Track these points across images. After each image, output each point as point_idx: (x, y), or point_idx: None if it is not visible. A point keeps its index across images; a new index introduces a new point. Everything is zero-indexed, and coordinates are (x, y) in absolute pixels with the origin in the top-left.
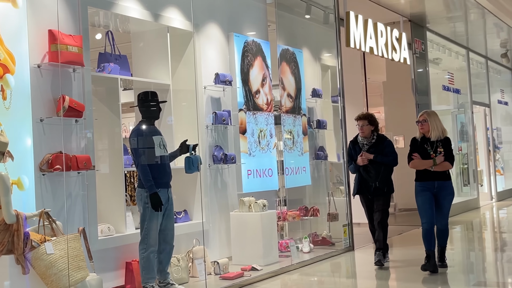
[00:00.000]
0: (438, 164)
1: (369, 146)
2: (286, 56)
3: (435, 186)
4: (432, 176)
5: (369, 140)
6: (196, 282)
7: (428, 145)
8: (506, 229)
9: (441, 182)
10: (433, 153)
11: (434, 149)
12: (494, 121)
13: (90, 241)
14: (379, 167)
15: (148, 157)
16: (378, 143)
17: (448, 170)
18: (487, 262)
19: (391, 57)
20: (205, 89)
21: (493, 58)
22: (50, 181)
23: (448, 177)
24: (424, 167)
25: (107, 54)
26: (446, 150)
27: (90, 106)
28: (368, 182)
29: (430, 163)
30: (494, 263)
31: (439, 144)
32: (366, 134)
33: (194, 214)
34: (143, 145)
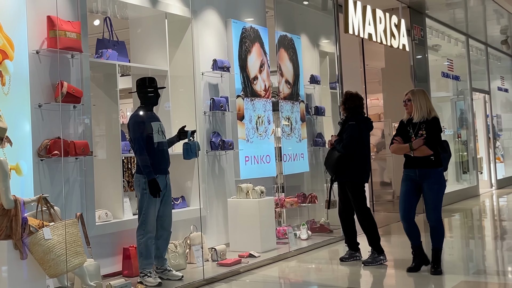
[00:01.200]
0: (415, 148)
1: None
2: (284, 42)
3: (417, 174)
4: (414, 163)
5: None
6: (194, 269)
7: (410, 128)
8: (506, 217)
9: (423, 170)
10: (414, 136)
11: (416, 131)
12: (494, 108)
13: (88, 227)
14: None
15: (146, 143)
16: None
17: (432, 156)
18: (487, 250)
19: (390, 44)
20: (203, 75)
21: (493, 44)
22: (48, 166)
23: (433, 164)
24: (402, 152)
25: (105, 40)
26: (429, 133)
27: (88, 92)
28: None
29: (407, 147)
30: (494, 251)
31: (422, 127)
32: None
33: (191, 201)
34: (142, 131)
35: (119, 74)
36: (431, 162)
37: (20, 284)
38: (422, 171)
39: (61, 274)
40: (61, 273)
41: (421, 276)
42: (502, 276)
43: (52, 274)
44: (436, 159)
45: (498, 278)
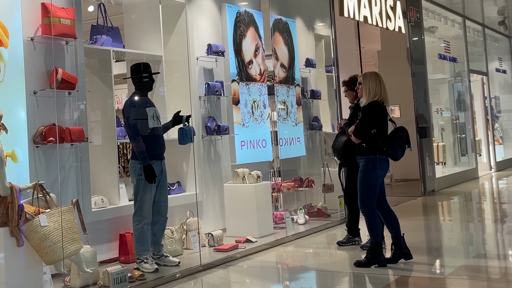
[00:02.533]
0: (351, 135)
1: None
2: (279, 26)
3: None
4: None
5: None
6: (190, 254)
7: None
8: (506, 200)
9: (358, 157)
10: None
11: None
12: (492, 89)
13: (84, 213)
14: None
15: (142, 128)
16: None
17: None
18: (487, 233)
19: (385, 26)
20: (198, 60)
21: (490, 26)
22: (43, 153)
23: (363, 151)
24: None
25: (100, 26)
26: (361, 118)
27: (83, 78)
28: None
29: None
30: (494, 234)
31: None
32: (350, 100)
33: (187, 186)
34: (136, 116)
35: (113, 60)
36: (362, 149)
37: (17, 271)
38: (358, 158)
39: (57, 261)
40: (58, 260)
41: (421, 262)
42: (502, 260)
43: (48, 261)
44: (370, 147)
45: (498, 262)
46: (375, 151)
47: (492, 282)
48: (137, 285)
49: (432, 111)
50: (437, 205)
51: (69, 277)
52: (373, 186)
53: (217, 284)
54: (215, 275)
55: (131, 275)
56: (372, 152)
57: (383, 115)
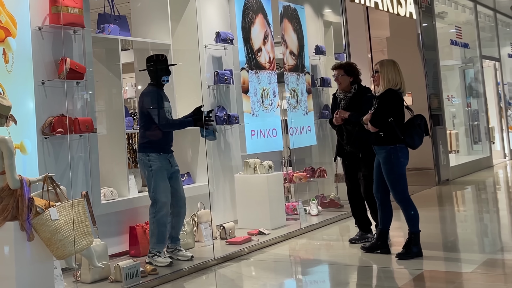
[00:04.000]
0: (366, 124)
1: (346, 101)
2: (288, 13)
3: (375, 150)
4: (371, 139)
5: (345, 94)
6: (202, 248)
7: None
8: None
9: (376, 147)
10: (371, 111)
11: (374, 105)
12: (504, 75)
13: (93, 206)
14: (353, 128)
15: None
16: (357, 97)
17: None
18: (507, 225)
19: (396, 12)
20: (206, 48)
21: (502, 10)
22: (52, 144)
23: (382, 141)
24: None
25: (107, 15)
26: (376, 107)
27: (91, 67)
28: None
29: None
30: (509, 225)
31: (377, 100)
32: (343, 86)
33: (197, 177)
34: (157, 107)
35: (120, 49)
36: (380, 138)
37: (27, 266)
38: (376, 148)
39: (69, 255)
40: (69, 254)
41: (441, 256)
42: None
43: (59, 256)
44: (388, 136)
45: None
46: (394, 141)
47: None
48: (150, 280)
49: (443, 98)
50: (453, 195)
51: (80, 272)
52: (401, 175)
53: (231, 278)
54: (229, 269)
55: (143, 270)
56: (391, 141)
57: (400, 103)
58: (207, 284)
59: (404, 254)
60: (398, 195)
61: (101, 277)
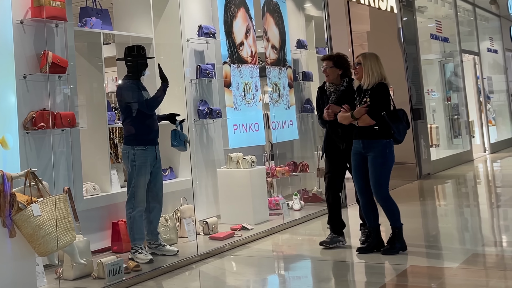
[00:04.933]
0: (358, 118)
1: (338, 95)
2: (270, 6)
3: (362, 146)
4: (359, 133)
5: (337, 88)
6: (185, 243)
7: (357, 95)
8: (500, 183)
9: (367, 141)
10: (359, 104)
11: (361, 99)
12: (483, 70)
13: (76, 201)
14: (349, 124)
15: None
16: (349, 92)
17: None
18: (490, 220)
19: (378, 6)
20: (188, 42)
21: (481, 5)
22: (34, 139)
23: (377, 134)
24: (347, 121)
25: (89, 8)
26: (372, 100)
27: (73, 61)
28: (335, 142)
29: (349, 116)
30: (497, 221)
31: (367, 94)
32: (331, 78)
33: (180, 172)
34: (133, 99)
35: (103, 43)
36: (375, 132)
37: (9, 262)
38: (366, 143)
39: (51, 252)
40: (52, 251)
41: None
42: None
43: (42, 252)
44: (382, 130)
45: (509, 251)
46: (388, 134)
47: (508, 272)
48: (133, 276)
49: (424, 92)
50: (434, 189)
51: (62, 269)
52: (390, 170)
53: (215, 274)
54: (212, 265)
55: (126, 266)
56: (385, 135)
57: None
58: (190, 281)
59: (390, 250)
60: (383, 191)
61: (84, 273)
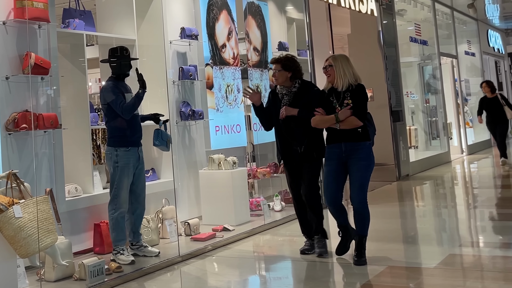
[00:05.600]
0: (342, 120)
1: (291, 97)
2: (252, 9)
3: (343, 149)
4: (339, 137)
5: (289, 90)
6: (167, 244)
7: (333, 97)
8: (477, 185)
9: (350, 144)
10: (339, 106)
11: (340, 101)
12: (461, 72)
13: (58, 202)
14: (304, 126)
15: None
16: (302, 93)
17: (359, 128)
18: (460, 219)
19: (358, 9)
20: (171, 44)
21: (459, 8)
22: (16, 140)
23: (361, 137)
24: (327, 124)
25: (72, 10)
26: (356, 102)
27: (56, 63)
28: (291, 145)
29: (333, 119)
30: (474, 221)
31: (346, 95)
32: (281, 81)
33: (162, 173)
34: (112, 102)
35: (86, 44)
36: (359, 135)
37: None
38: (349, 145)
39: (33, 253)
40: (33, 253)
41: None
42: (492, 249)
43: (23, 254)
44: (364, 132)
45: (485, 251)
46: (369, 136)
47: (483, 272)
48: (114, 278)
49: (403, 94)
50: (412, 190)
51: (43, 270)
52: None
53: (196, 275)
54: (194, 266)
55: (107, 267)
56: (367, 137)
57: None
58: (172, 281)
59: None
60: (363, 195)
61: (65, 275)
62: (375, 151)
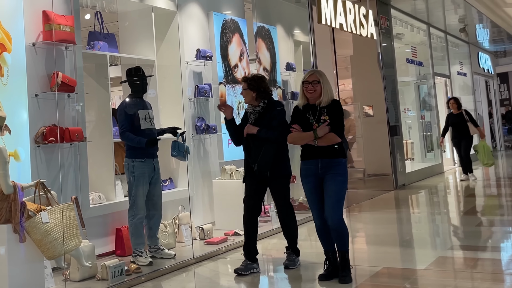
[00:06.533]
0: (321, 136)
1: (255, 116)
2: (262, 32)
3: (320, 165)
4: (315, 153)
5: (254, 109)
6: (183, 247)
7: (310, 114)
8: (468, 193)
9: (326, 161)
10: (316, 123)
11: (317, 117)
12: (454, 91)
13: (82, 209)
14: (261, 145)
15: (133, 129)
16: (265, 112)
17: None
18: (452, 225)
19: (359, 33)
20: (187, 64)
21: (452, 32)
22: (44, 152)
23: (338, 153)
24: (304, 141)
25: (96, 32)
26: (333, 117)
27: (81, 81)
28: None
29: (311, 135)
30: (464, 226)
31: (323, 111)
32: (247, 100)
33: (178, 182)
34: (127, 116)
35: (109, 64)
36: (336, 151)
37: (19, 265)
38: (326, 162)
39: (58, 256)
40: (59, 255)
41: (397, 254)
42: (479, 252)
43: (49, 256)
44: (340, 148)
45: (473, 253)
46: (345, 153)
47: (472, 273)
48: (134, 278)
49: (400, 111)
50: (408, 199)
51: (69, 271)
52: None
53: (209, 276)
54: (207, 267)
55: (127, 268)
56: (344, 154)
57: None
58: (187, 281)
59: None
60: (339, 211)
61: (89, 275)
62: (374, 162)
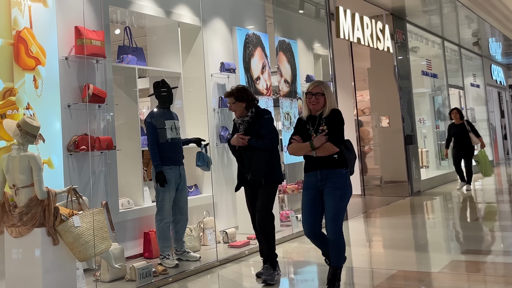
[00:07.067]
0: (318, 147)
1: (245, 126)
2: (283, 46)
3: (319, 177)
4: (315, 165)
5: (243, 119)
6: (207, 250)
7: (310, 124)
8: (480, 200)
9: (326, 172)
10: (314, 133)
11: (316, 128)
12: (467, 102)
13: (112, 214)
14: (253, 154)
15: (160, 138)
16: (254, 121)
17: (335, 155)
18: (465, 230)
19: (376, 46)
20: (212, 76)
21: (465, 46)
22: (76, 160)
23: (337, 163)
24: (302, 152)
25: (126, 46)
26: (331, 127)
27: (111, 92)
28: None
29: (308, 146)
30: (477, 232)
31: (322, 122)
32: (239, 113)
33: (203, 188)
34: (154, 128)
35: (137, 77)
36: (335, 161)
37: (53, 267)
38: (325, 173)
39: (89, 258)
40: (90, 257)
41: (413, 258)
42: (493, 256)
43: (81, 258)
44: (340, 159)
45: (485, 257)
46: (346, 164)
47: (485, 276)
48: (161, 279)
49: (416, 121)
50: (423, 205)
51: (99, 272)
52: (347, 204)
53: (232, 277)
54: (230, 270)
55: (155, 270)
56: (344, 164)
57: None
58: (211, 283)
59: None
60: (338, 225)
61: (118, 276)
62: (390, 170)
